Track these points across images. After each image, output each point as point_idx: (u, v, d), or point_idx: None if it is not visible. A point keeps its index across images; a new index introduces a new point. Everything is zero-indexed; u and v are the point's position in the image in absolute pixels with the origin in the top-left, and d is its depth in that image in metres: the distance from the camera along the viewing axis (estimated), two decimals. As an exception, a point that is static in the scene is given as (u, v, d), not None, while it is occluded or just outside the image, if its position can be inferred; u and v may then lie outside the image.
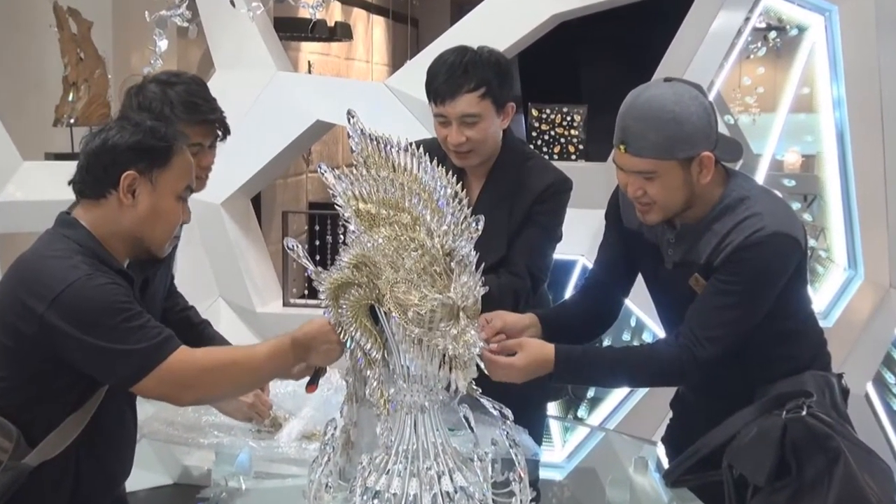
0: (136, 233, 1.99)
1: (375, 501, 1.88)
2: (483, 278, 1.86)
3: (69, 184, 2.01)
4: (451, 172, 1.87)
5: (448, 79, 2.49)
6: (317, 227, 6.36)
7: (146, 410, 2.43)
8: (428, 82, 2.54)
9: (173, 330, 2.20)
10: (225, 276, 5.90)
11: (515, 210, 2.58)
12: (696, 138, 2.08)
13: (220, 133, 2.42)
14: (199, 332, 2.65)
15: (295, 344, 1.97)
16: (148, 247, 2.02)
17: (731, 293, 2.13)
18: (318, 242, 6.22)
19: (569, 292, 5.77)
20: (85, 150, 1.99)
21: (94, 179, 1.97)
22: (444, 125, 2.53)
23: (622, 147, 2.12)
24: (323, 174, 1.91)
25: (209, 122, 2.37)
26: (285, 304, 6.22)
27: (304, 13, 9.10)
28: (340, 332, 1.93)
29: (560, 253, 2.75)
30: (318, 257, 5.86)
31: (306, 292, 6.46)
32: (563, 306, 2.54)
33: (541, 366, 2.13)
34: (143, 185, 1.97)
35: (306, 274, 1.97)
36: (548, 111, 6.26)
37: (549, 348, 2.15)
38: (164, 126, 2.02)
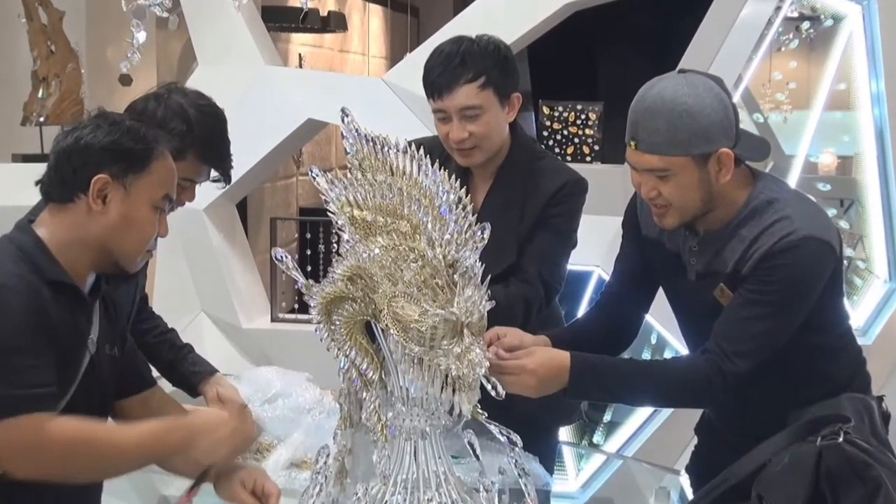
0: (104, 243, 1.97)
1: (371, 536, 1.88)
2: (489, 291, 1.86)
3: (36, 184, 2.00)
4: (454, 175, 1.88)
5: (444, 70, 2.50)
6: (308, 236, 6.36)
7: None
8: (425, 77, 2.55)
9: (154, 356, 2.22)
10: (208, 288, 5.90)
11: (526, 213, 2.58)
12: (711, 133, 2.08)
13: (221, 181, 2.47)
14: (181, 357, 2.66)
15: (176, 430, 1.91)
16: (116, 259, 1.99)
17: (760, 303, 2.12)
18: (309, 252, 6.22)
19: (583, 306, 5.77)
20: (55, 149, 1.97)
21: (62, 181, 1.95)
22: (445, 121, 2.54)
23: (633, 143, 2.12)
24: (314, 178, 1.91)
25: (220, 168, 2.43)
26: (273, 319, 6.22)
27: (295, 2, 9.11)
28: (336, 351, 1.93)
29: (574, 263, 2.74)
30: (309, 268, 5.85)
31: (296, 307, 6.46)
32: (576, 324, 2.54)
33: (554, 371, 2.12)
34: (115, 190, 1.95)
35: (296, 287, 1.97)
36: (560, 109, 6.27)
37: (562, 354, 2.15)
38: (144, 127, 2.01)
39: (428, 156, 1.89)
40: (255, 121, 5.69)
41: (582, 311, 5.75)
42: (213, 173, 2.47)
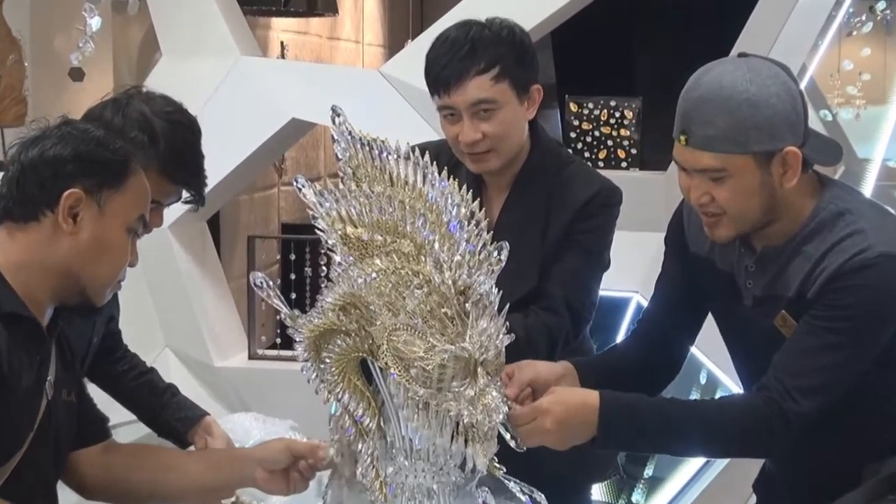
0: (71, 269, 1.98)
1: None
2: (507, 321, 1.87)
3: None
4: (464, 185, 1.88)
5: (451, 61, 2.51)
6: (292, 257, 6.36)
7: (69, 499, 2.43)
8: (428, 69, 2.56)
9: (133, 402, 2.23)
10: (174, 319, 5.91)
11: (550, 229, 2.59)
12: (777, 127, 2.08)
13: (193, 202, 2.48)
14: (165, 403, 2.68)
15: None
16: (83, 289, 2.00)
17: (828, 332, 2.12)
18: (293, 277, 6.22)
19: (620, 339, 5.75)
20: (16, 160, 1.98)
21: (24, 197, 1.96)
22: (453, 120, 2.55)
23: (683, 138, 2.12)
24: (300, 189, 1.91)
25: (191, 187, 2.44)
26: (251, 356, 6.21)
27: (276, -19, 9.16)
28: (326, 394, 1.93)
29: (607, 288, 2.74)
30: (293, 296, 5.86)
31: (278, 341, 6.45)
32: (609, 354, 2.54)
33: (579, 413, 2.11)
34: (88, 208, 1.97)
35: (279, 318, 1.97)
36: (590, 105, 6.28)
37: (591, 394, 2.14)
38: (117, 138, 2.03)
39: (434, 163, 1.89)
40: (230, 122, 5.70)
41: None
42: (185, 193, 2.49)
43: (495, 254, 1.85)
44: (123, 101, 2.44)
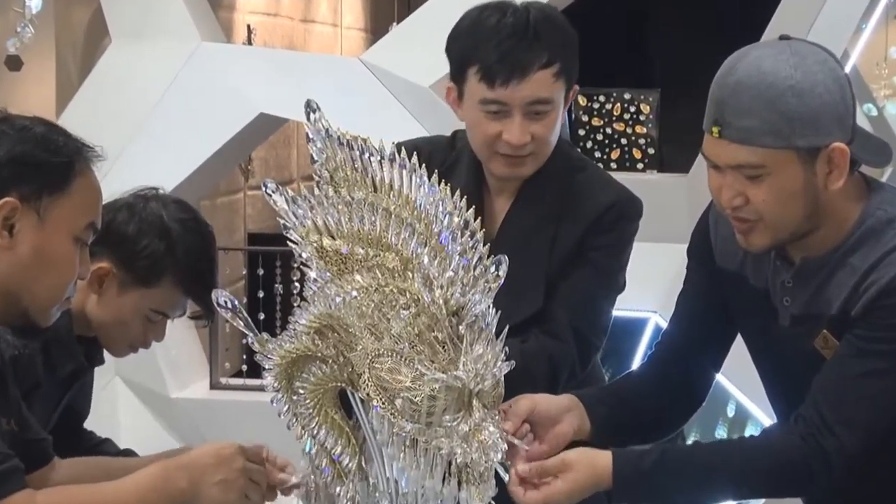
0: (10, 287, 1.97)
1: None
2: (506, 347, 1.87)
3: None
4: (458, 191, 1.88)
5: (516, 46, 2.47)
6: (260, 272, 6.37)
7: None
8: (464, 52, 2.53)
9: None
10: (124, 344, 5.90)
11: (558, 243, 2.58)
12: (824, 120, 2.08)
13: (201, 318, 2.67)
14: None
15: (176, 470, 1.98)
16: (25, 309, 2.00)
17: (875, 355, 2.12)
18: (261, 295, 6.23)
19: (635, 366, 5.75)
20: None
21: None
22: (497, 117, 2.52)
23: (716, 130, 2.12)
24: (269, 194, 1.92)
25: (203, 303, 2.57)
26: (213, 385, 6.22)
27: (242, -44, 9.16)
28: (299, 430, 1.92)
29: (622, 307, 2.74)
30: (261, 317, 5.86)
31: (244, 369, 6.46)
32: (621, 384, 2.54)
33: (594, 487, 2.12)
34: (26, 217, 1.96)
35: (245, 342, 1.97)
36: (601, 98, 6.30)
37: (602, 460, 2.14)
38: (62, 135, 2.03)
39: (426, 164, 1.89)
40: (189, 117, 5.71)
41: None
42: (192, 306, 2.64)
43: (493, 269, 1.85)
44: (139, 204, 2.59)
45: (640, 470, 2.14)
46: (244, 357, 6.41)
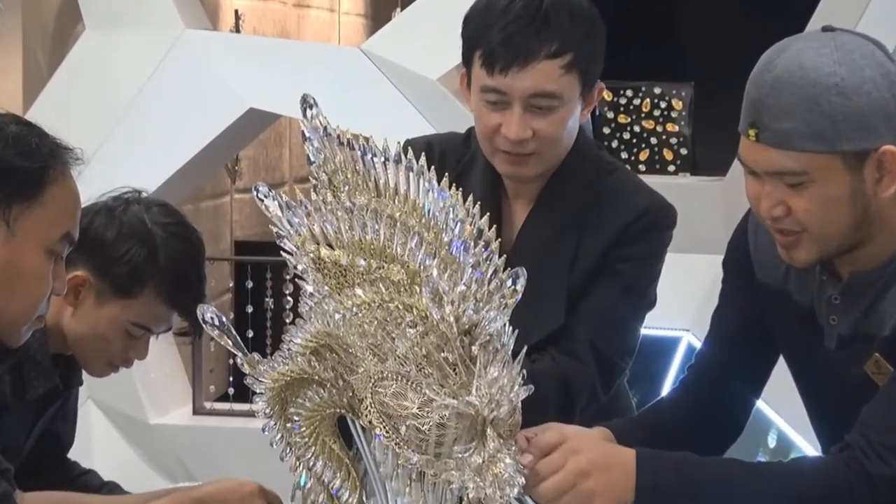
0: None
1: None
2: (523, 369, 1.87)
3: None
4: (471, 195, 1.88)
5: (522, 30, 2.47)
6: (249, 285, 6.36)
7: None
8: (475, 33, 2.53)
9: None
10: (98, 364, 5.91)
11: (582, 253, 2.59)
12: (872, 121, 2.08)
13: (188, 334, 2.69)
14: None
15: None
16: None
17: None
18: (250, 310, 6.23)
19: (665, 390, 5.75)
20: None
21: None
22: (497, 108, 2.52)
23: (752, 133, 2.12)
24: (261, 199, 1.92)
25: (189, 317, 2.58)
26: (197, 410, 6.22)
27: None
28: (293, 461, 1.92)
29: (651, 326, 2.74)
30: (250, 335, 5.86)
31: (231, 392, 6.45)
32: (653, 413, 2.54)
33: (613, 471, 2.12)
34: None
35: (232, 363, 1.97)
36: (629, 93, 6.29)
37: (625, 451, 2.16)
38: (36, 136, 2.03)
39: (436, 166, 1.89)
40: (171, 113, 5.72)
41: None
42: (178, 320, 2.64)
43: (510, 283, 1.84)
44: (119, 207, 2.60)
45: (667, 461, 2.16)
46: (231, 379, 6.40)
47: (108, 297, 2.55)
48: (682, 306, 5.13)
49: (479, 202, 1.90)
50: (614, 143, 6.26)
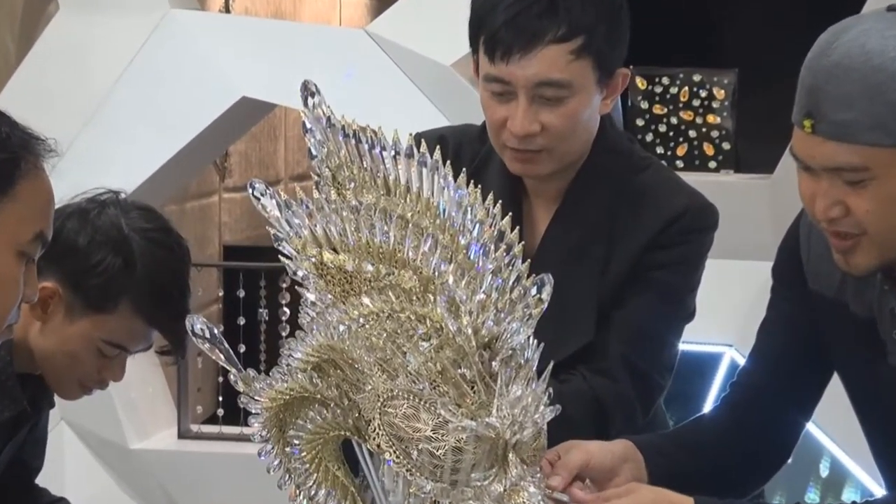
0: None
1: None
2: (550, 388, 1.87)
3: None
4: (492, 193, 1.88)
5: (520, 14, 2.48)
6: (240, 294, 6.37)
7: None
8: (476, 17, 2.55)
9: None
10: (73, 382, 5.92)
11: (615, 259, 2.60)
12: None
13: (170, 354, 2.69)
14: None
15: None
16: None
17: None
18: (243, 322, 6.23)
19: (708, 408, 5.74)
20: None
21: None
22: (502, 99, 2.53)
23: (808, 124, 2.12)
24: (257, 198, 1.92)
25: (171, 334, 2.61)
26: (182, 434, 6.22)
27: None
28: (293, 489, 1.93)
29: (691, 340, 2.74)
30: (242, 349, 5.87)
31: (221, 413, 6.46)
32: (689, 431, 2.56)
33: None
34: None
35: (223, 380, 1.98)
36: (665, 81, 6.29)
37: (682, 500, 2.16)
38: (6, 125, 2.04)
39: (450, 162, 1.89)
40: (154, 102, 5.73)
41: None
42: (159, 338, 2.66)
43: (534, 291, 1.85)
44: (94, 210, 2.60)
45: None
46: (220, 399, 6.39)
47: (79, 311, 2.55)
48: (724, 319, 5.13)
49: (498, 202, 1.90)
50: (648, 137, 6.26)
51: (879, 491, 2.43)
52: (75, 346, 2.55)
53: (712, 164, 6.26)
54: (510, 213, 1.89)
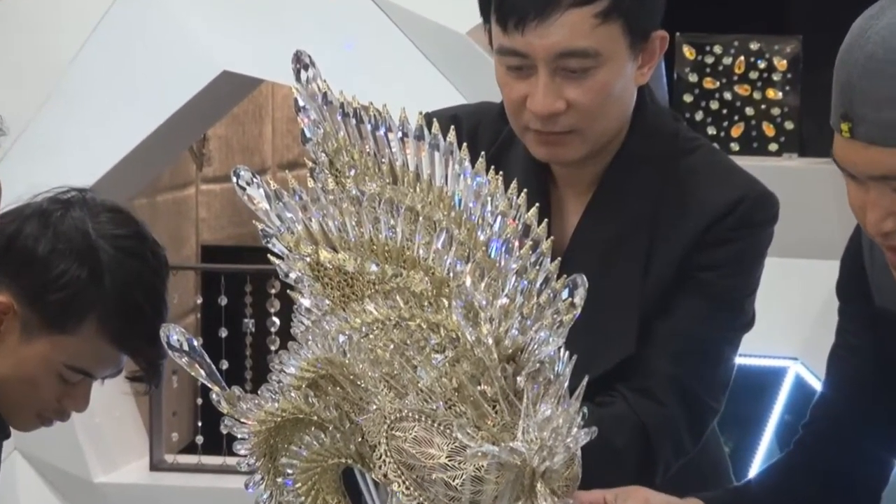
0: None
1: None
2: (584, 408, 1.87)
3: None
4: (515, 181, 1.89)
5: None
6: (222, 301, 6.38)
7: None
8: None
9: None
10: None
11: (657, 259, 2.61)
12: None
13: (143, 380, 2.72)
14: None
15: None
16: None
17: None
18: (225, 333, 6.25)
19: (767, 437, 5.74)
20: None
21: None
22: (521, 75, 2.54)
23: (845, 126, 2.11)
24: (243, 188, 1.93)
25: (144, 358, 2.63)
26: (155, 465, 6.24)
27: None
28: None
29: (749, 353, 2.74)
30: (224, 365, 5.89)
31: (200, 441, 6.48)
32: (764, 483, 2.56)
33: None
34: None
35: (203, 402, 1.99)
36: (717, 50, 6.30)
37: None
38: None
39: (466, 145, 1.90)
40: (122, 77, 5.74)
41: (766, 447, 5.68)
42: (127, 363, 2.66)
43: (566, 295, 1.85)
44: (56, 212, 2.58)
45: None
46: (199, 425, 6.41)
47: (37, 330, 2.55)
48: (787, 328, 5.13)
49: (523, 191, 1.90)
50: (698, 115, 6.26)
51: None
52: (32, 371, 2.54)
53: (772, 147, 6.25)
54: (537, 204, 1.90)
